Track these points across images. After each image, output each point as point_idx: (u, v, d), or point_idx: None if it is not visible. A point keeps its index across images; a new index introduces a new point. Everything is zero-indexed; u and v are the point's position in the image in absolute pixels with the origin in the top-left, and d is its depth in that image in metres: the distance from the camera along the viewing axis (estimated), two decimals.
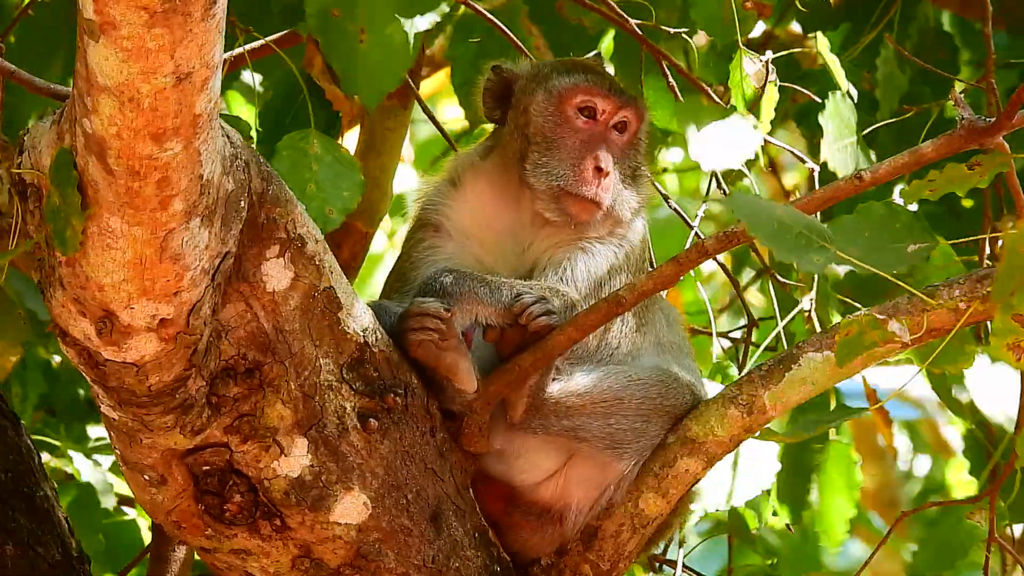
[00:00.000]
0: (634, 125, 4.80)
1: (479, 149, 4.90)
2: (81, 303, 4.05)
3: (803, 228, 3.97)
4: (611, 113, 4.76)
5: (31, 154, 4.05)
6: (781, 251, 3.94)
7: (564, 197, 4.69)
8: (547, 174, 4.70)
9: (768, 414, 4.50)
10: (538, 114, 4.76)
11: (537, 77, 4.82)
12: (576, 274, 4.66)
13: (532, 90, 4.79)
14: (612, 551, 4.59)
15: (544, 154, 4.72)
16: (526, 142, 4.75)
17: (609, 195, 4.70)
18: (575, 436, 4.55)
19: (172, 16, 3.73)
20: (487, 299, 4.49)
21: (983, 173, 4.11)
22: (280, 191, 4.23)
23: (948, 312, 4.33)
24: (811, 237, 3.96)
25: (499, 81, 4.86)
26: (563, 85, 4.76)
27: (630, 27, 5.31)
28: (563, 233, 4.72)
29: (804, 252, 3.93)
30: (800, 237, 3.96)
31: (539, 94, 4.77)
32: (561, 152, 4.72)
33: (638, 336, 4.74)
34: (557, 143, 4.73)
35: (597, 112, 4.75)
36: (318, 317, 4.30)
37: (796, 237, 3.96)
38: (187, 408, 4.19)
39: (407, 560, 4.41)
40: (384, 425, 4.37)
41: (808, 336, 4.80)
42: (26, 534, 4.79)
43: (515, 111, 4.80)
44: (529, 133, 4.75)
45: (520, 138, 4.76)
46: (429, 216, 4.80)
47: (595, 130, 4.75)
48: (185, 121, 3.87)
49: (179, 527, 4.38)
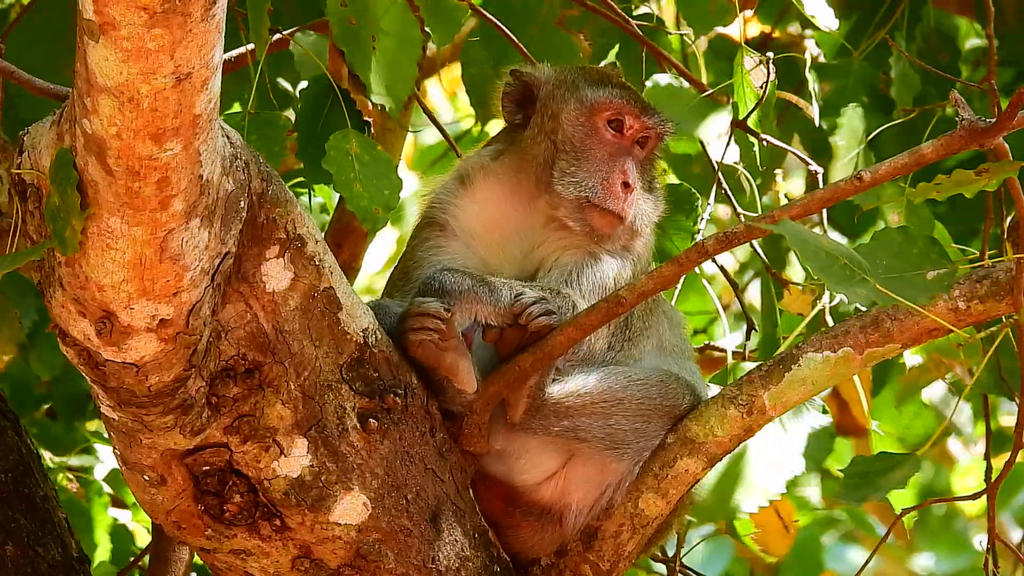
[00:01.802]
0: (654, 141, 4.82)
1: (489, 151, 4.90)
2: (81, 303, 4.05)
3: (847, 259, 4.00)
4: (638, 130, 4.79)
5: (31, 154, 4.05)
6: (831, 283, 3.99)
7: (589, 209, 4.71)
8: (576, 184, 4.72)
9: (768, 414, 4.51)
10: (569, 123, 4.77)
11: (566, 84, 4.83)
12: (582, 279, 4.67)
13: (563, 98, 4.80)
14: (612, 551, 4.59)
15: (573, 163, 4.74)
16: (554, 149, 4.76)
17: (632, 210, 4.73)
18: (575, 436, 4.55)
19: (172, 16, 3.73)
20: (487, 299, 4.49)
21: (991, 178, 4.11)
22: (280, 191, 4.23)
23: (948, 312, 4.34)
24: (854, 269, 3.98)
25: (519, 86, 4.87)
26: (597, 98, 4.78)
27: (631, 28, 5.32)
28: (575, 239, 4.73)
29: (850, 284, 3.96)
30: (845, 268, 3.99)
31: (571, 103, 4.78)
32: (590, 163, 4.74)
33: (641, 338, 4.75)
34: (586, 154, 4.74)
35: (625, 127, 4.78)
36: (318, 317, 4.30)
37: (842, 268, 3.98)
38: (187, 408, 4.19)
39: (407, 560, 4.41)
40: (384, 425, 4.37)
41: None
42: (26, 534, 4.79)
43: (541, 116, 4.81)
44: (558, 140, 4.76)
45: (547, 144, 4.77)
46: (435, 215, 4.80)
47: (622, 144, 4.77)
48: (185, 121, 3.87)
49: (179, 527, 4.38)
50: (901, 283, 4.11)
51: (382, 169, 4.97)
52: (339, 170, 4.90)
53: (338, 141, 4.96)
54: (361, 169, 4.93)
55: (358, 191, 4.90)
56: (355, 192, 4.90)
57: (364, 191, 4.91)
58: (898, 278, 4.12)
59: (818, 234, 4.12)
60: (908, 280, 4.13)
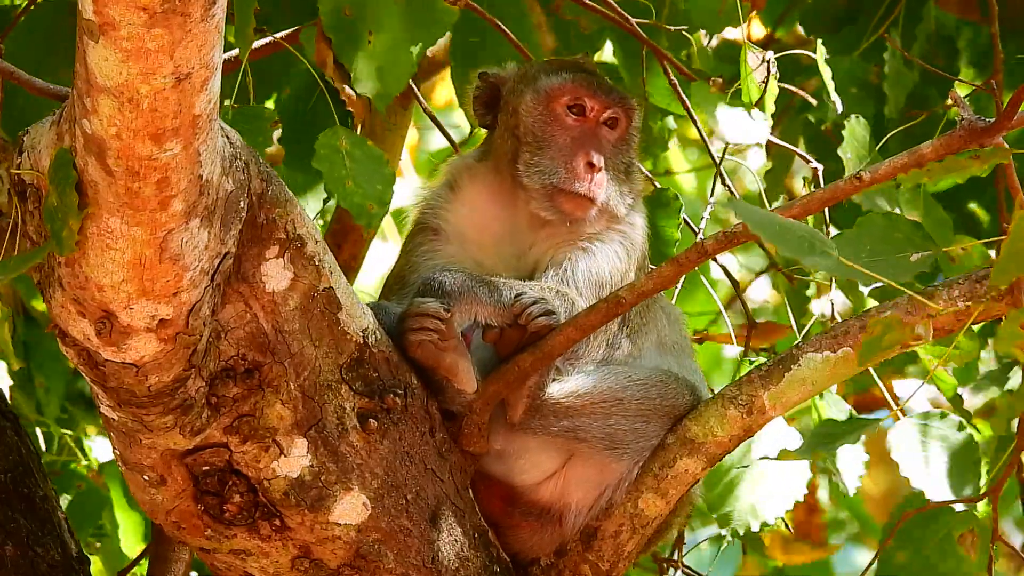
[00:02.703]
0: (624, 121, 4.80)
1: (475, 153, 4.91)
2: (81, 303, 4.05)
3: (806, 233, 3.99)
4: (600, 110, 4.76)
5: (31, 155, 4.05)
6: (786, 248, 3.95)
7: (557, 195, 4.69)
8: (539, 173, 4.71)
9: (768, 414, 4.50)
10: (527, 114, 4.76)
11: (525, 78, 4.83)
12: (577, 274, 4.66)
13: (520, 91, 4.80)
14: (611, 552, 4.59)
15: (535, 153, 4.73)
16: (517, 142, 4.76)
17: (602, 191, 4.70)
18: (575, 437, 4.55)
19: (171, 17, 3.73)
20: (487, 299, 4.49)
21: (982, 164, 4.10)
22: (280, 191, 4.24)
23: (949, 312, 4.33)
24: (814, 241, 3.97)
25: (487, 87, 4.87)
26: (551, 84, 4.77)
27: (631, 26, 5.31)
28: (562, 233, 4.72)
29: (808, 252, 3.94)
30: (803, 239, 3.97)
31: (527, 95, 4.78)
32: (552, 150, 4.72)
33: (639, 336, 4.74)
34: (548, 141, 4.73)
35: (586, 109, 4.76)
36: (317, 317, 4.30)
37: (799, 239, 3.97)
38: (187, 408, 4.20)
39: (406, 560, 4.41)
40: (384, 425, 4.37)
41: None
42: (26, 534, 4.79)
43: (504, 114, 4.81)
44: (520, 134, 4.76)
45: (511, 139, 4.77)
46: (428, 220, 4.80)
47: (585, 127, 4.75)
48: (184, 122, 3.87)
49: (179, 527, 4.38)
50: (884, 265, 4.12)
51: (374, 164, 4.96)
52: (330, 168, 4.89)
53: (328, 139, 4.95)
54: (352, 166, 4.93)
55: (350, 188, 4.89)
56: (347, 189, 4.89)
57: (356, 187, 4.90)
58: (881, 260, 4.13)
59: (776, 214, 4.10)
60: (891, 261, 4.14)
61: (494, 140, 4.84)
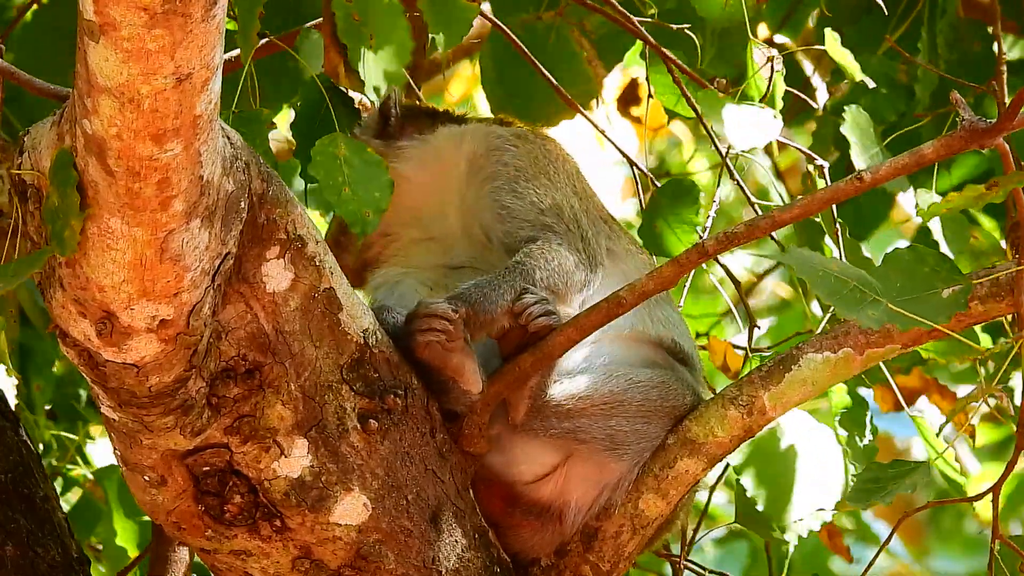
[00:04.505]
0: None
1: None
2: (81, 304, 4.05)
3: (857, 282, 3.99)
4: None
5: (31, 155, 4.05)
6: (841, 308, 4.01)
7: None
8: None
9: (768, 415, 4.50)
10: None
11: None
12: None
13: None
14: (612, 552, 4.59)
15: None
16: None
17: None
18: (575, 438, 4.56)
19: (172, 17, 3.73)
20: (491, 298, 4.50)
21: (1000, 190, 4.11)
22: (280, 192, 4.24)
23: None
24: (864, 291, 3.97)
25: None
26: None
27: (633, 27, 5.31)
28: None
29: (861, 307, 3.96)
30: (855, 291, 3.99)
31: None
32: None
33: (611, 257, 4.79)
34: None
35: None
36: (318, 318, 4.30)
37: (852, 291, 3.98)
38: (187, 409, 4.20)
39: (407, 561, 4.41)
40: (384, 426, 4.37)
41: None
42: (26, 534, 4.79)
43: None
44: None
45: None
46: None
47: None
48: (185, 122, 3.87)
49: (179, 528, 4.38)
50: (917, 303, 4.11)
51: (372, 171, 4.94)
52: (326, 175, 4.88)
53: (325, 146, 4.95)
54: (350, 173, 4.92)
55: (346, 195, 4.88)
56: (343, 197, 4.87)
57: (353, 195, 4.89)
58: (914, 299, 4.12)
59: (825, 257, 4.11)
60: (923, 299, 4.13)
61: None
